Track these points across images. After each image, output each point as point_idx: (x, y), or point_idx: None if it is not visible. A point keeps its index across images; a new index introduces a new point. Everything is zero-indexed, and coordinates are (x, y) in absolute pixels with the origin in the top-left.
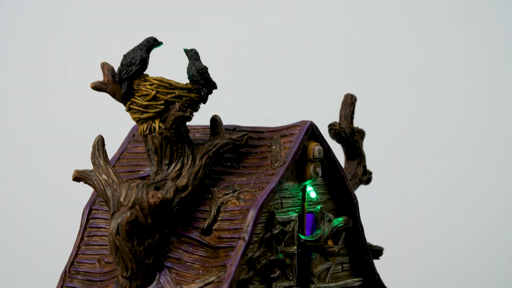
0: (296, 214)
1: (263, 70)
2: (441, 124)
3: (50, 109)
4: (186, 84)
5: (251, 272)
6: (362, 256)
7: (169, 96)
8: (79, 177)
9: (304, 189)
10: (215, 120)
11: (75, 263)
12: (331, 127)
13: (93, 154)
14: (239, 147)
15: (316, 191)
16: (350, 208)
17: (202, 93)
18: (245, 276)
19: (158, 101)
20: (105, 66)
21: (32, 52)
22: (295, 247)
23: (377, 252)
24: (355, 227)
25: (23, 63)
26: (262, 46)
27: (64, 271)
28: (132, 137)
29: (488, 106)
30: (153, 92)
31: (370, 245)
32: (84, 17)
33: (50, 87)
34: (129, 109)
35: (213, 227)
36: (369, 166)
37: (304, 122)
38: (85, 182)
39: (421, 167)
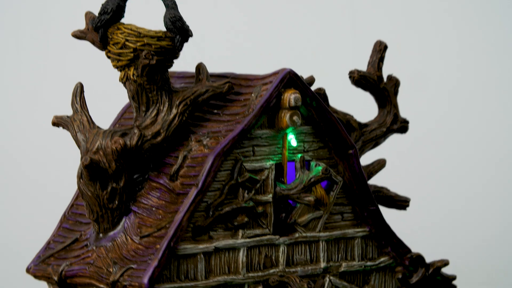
0: (272, 162)
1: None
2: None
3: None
4: (157, 32)
5: (209, 219)
6: (367, 206)
7: (138, 44)
8: (56, 122)
9: (284, 138)
10: (198, 68)
11: (74, 206)
12: (350, 75)
13: (72, 100)
14: (221, 94)
15: (302, 140)
16: (347, 157)
17: (176, 41)
18: (202, 223)
19: (128, 49)
20: (87, 15)
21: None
22: (270, 196)
23: (403, 202)
24: (355, 177)
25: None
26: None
27: (64, 214)
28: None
29: None
30: (123, 40)
31: (396, 195)
32: None
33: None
34: (108, 57)
35: (179, 174)
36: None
37: (282, 70)
38: (63, 128)
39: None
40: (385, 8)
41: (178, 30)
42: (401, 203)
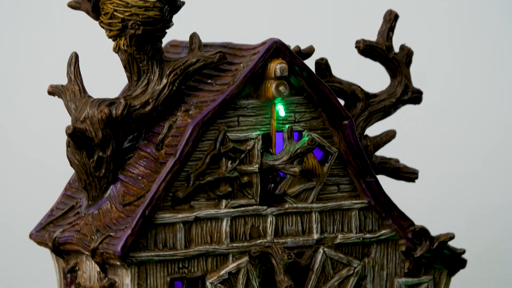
0: (259, 133)
1: None
2: None
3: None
4: (145, 2)
5: (189, 188)
6: (364, 178)
7: (126, 14)
8: (51, 91)
9: (272, 108)
10: (191, 37)
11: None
12: (356, 44)
13: (66, 70)
14: (212, 64)
15: (293, 110)
16: (341, 128)
17: (164, 11)
18: (182, 192)
19: (117, 19)
20: None
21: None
22: (256, 166)
23: (411, 174)
24: (350, 148)
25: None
26: None
27: (69, 181)
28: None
29: None
30: (111, 11)
31: (404, 167)
32: None
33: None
34: (101, 27)
35: (164, 143)
36: None
37: (269, 40)
38: (58, 97)
39: None
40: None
41: (166, 0)
42: (408, 175)
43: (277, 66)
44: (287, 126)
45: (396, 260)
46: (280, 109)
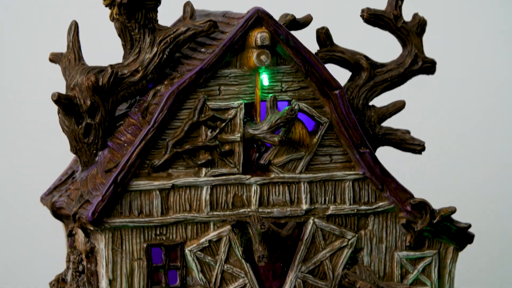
0: (241, 102)
1: None
2: None
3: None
4: None
5: (166, 156)
6: (358, 149)
7: None
8: (52, 58)
9: (257, 77)
10: (184, 6)
11: None
12: (361, 13)
13: (66, 38)
14: (202, 33)
15: (280, 80)
16: (332, 98)
17: None
18: (157, 160)
19: None
20: None
21: None
22: (238, 135)
23: (416, 146)
24: (342, 118)
25: None
26: None
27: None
28: None
29: None
30: None
31: (411, 139)
32: None
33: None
34: None
35: (148, 110)
36: None
37: (252, 8)
38: (58, 64)
39: None
40: None
41: None
42: (414, 147)
43: (257, 35)
44: (269, 95)
45: (397, 233)
46: (264, 78)
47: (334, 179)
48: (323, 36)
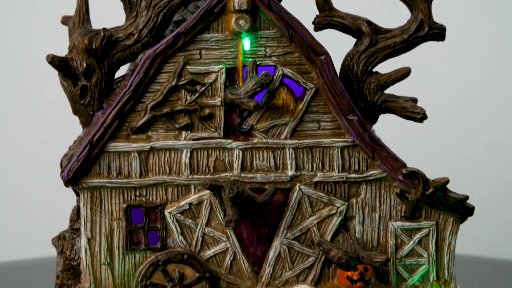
0: (222, 66)
1: None
2: None
3: None
4: None
5: (144, 118)
6: (346, 116)
7: None
8: (63, 21)
9: (240, 41)
10: None
11: None
12: None
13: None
14: None
15: (264, 45)
16: (318, 63)
17: None
18: (135, 123)
19: None
20: None
21: None
22: (219, 99)
23: (417, 114)
24: (328, 84)
25: None
26: None
27: None
28: None
29: None
30: None
31: (412, 106)
32: None
33: None
34: None
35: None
36: None
37: None
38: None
39: None
40: None
41: None
42: (414, 115)
43: (235, 0)
44: (249, 60)
45: (391, 202)
46: (246, 43)
47: (322, 146)
48: (321, 0)
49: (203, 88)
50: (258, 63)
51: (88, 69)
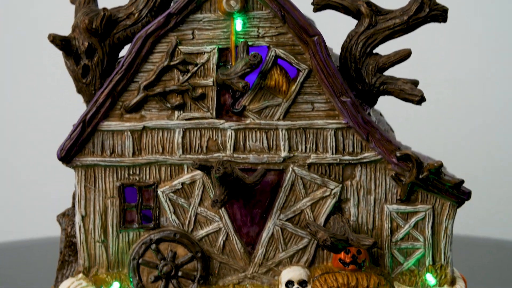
0: (214, 46)
1: None
2: None
3: None
4: None
5: (138, 98)
6: (339, 97)
7: None
8: (72, 1)
9: (232, 22)
10: None
11: None
12: None
13: None
14: None
15: (257, 25)
16: (311, 44)
17: None
18: (131, 102)
19: None
20: None
21: None
22: (211, 79)
23: (414, 96)
24: (321, 65)
25: None
26: None
27: None
28: None
29: None
30: None
31: (411, 88)
32: None
33: None
34: None
35: None
36: None
37: None
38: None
39: None
40: None
41: None
42: (412, 97)
43: None
44: (240, 40)
45: (386, 185)
46: (238, 23)
47: (315, 127)
48: None
49: (195, 68)
50: (251, 43)
51: (90, 49)
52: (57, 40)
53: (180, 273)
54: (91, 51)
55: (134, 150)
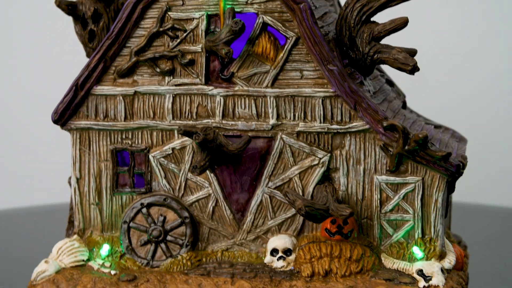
0: (203, 13)
1: None
2: None
3: None
4: None
5: (129, 63)
6: (325, 65)
7: None
8: None
9: None
10: None
11: None
12: None
13: None
14: None
15: None
16: (298, 11)
17: None
18: (123, 67)
19: None
20: None
21: None
22: (200, 46)
23: (406, 66)
24: (307, 33)
25: None
26: None
27: None
28: None
29: None
30: None
31: (404, 58)
32: None
33: None
34: None
35: None
36: None
37: None
38: None
39: None
40: None
41: None
42: (405, 66)
43: None
44: (227, 6)
45: (376, 155)
46: None
47: (303, 95)
48: None
49: (185, 35)
50: (239, 10)
51: (96, 13)
52: (63, 5)
53: (169, 238)
54: (97, 16)
55: (126, 115)
